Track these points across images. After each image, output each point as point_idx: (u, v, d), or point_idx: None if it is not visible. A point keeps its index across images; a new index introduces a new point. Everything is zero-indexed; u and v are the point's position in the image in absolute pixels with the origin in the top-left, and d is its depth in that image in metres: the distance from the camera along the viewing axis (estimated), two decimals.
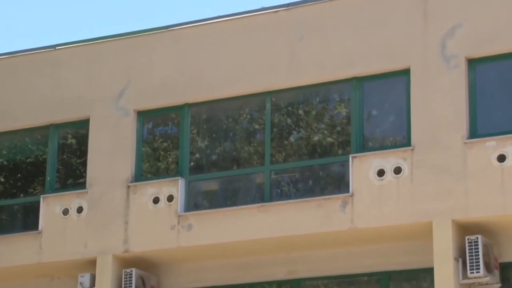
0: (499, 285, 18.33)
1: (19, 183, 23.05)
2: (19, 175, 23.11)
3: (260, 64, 20.54)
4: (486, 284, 18.17)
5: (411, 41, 19.37)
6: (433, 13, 19.36)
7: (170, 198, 20.57)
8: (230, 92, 20.89)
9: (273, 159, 20.63)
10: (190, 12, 60.07)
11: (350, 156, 19.47)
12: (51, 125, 22.30)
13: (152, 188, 20.86)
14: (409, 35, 19.43)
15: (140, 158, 21.44)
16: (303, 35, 20.27)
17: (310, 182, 20.28)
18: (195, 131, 21.43)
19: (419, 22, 19.41)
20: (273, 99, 20.74)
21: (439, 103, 18.88)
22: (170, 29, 21.79)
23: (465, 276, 17.94)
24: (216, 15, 21.65)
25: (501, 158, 18.12)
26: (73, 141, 22.36)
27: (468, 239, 18.01)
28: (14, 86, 22.53)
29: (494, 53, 18.83)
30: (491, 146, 18.29)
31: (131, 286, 20.32)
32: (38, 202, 21.71)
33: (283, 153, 20.72)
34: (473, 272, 17.85)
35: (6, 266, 21.47)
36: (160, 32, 21.86)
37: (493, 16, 18.88)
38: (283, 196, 20.19)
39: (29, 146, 22.92)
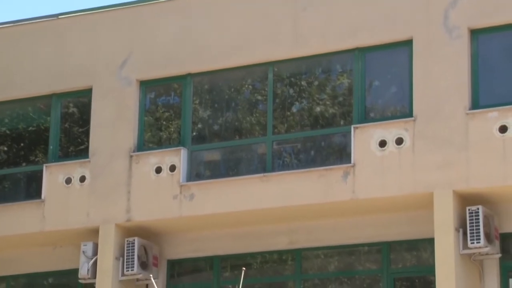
0: (499, 255, 18.42)
1: (22, 152, 23.02)
2: (21, 144, 23.07)
3: (263, 34, 20.54)
4: (486, 254, 18.28)
5: (413, 11, 19.34)
6: None
7: (172, 168, 20.61)
8: (233, 62, 20.88)
9: (275, 129, 20.63)
10: None
11: (352, 126, 19.49)
12: (54, 94, 22.28)
13: (154, 158, 20.90)
14: (412, 6, 19.40)
15: (142, 127, 21.45)
16: (306, 5, 20.24)
17: (312, 152, 20.29)
18: (197, 101, 21.42)
19: None
20: (276, 69, 20.74)
21: (441, 74, 18.88)
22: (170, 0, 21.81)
23: (465, 246, 18.03)
24: None
25: (503, 129, 18.15)
26: (76, 110, 22.36)
27: (469, 209, 18.09)
28: (16, 55, 22.48)
29: (497, 23, 18.83)
30: (493, 117, 18.31)
31: (134, 255, 20.36)
32: (41, 171, 21.75)
33: (285, 124, 20.72)
34: (473, 243, 17.92)
35: (9, 234, 21.53)
36: (163, 2, 21.78)
37: None
38: (284, 166, 20.23)
39: (32, 115, 22.90)
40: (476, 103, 18.65)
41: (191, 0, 21.59)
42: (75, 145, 22.16)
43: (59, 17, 22.62)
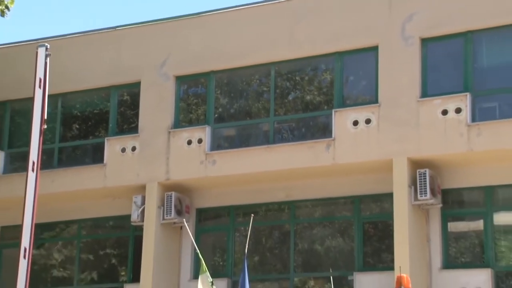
0: (441, 205, 18.50)
1: (89, 129, 23.00)
2: (89, 123, 23.02)
3: (267, 41, 20.43)
4: (431, 204, 18.36)
5: (379, 24, 19.31)
6: (397, 3, 19.30)
7: (199, 141, 20.54)
8: (244, 62, 20.81)
9: (276, 112, 20.61)
10: (214, 2, 59.84)
11: (333, 110, 19.48)
12: (112, 86, 22.18)
13: (186, 133, 20.85)
14: (378, 20, 19.36)
15: (178, 111, 21.37)
16: (299, 19, 20.18)
17: (303, 129, 20.32)
18: (218, 92, 21.37)
19: (385, 11, 19.32)
20: (276, 68, 20.70)
21: (399, 71, 18.90)
22: (200, 15, 21.61)
23: (416, 199, 18.12)
24: (234, 4, 21.69)
25: (444, 112, 18.24)
26: (128, 98, 22.35)
27: (418, 171, 18.17)
28: (85, 57, 22.26)
29: (441, 34, 18.87)
30: (437, 103, 18.38)
31: (171, 205, 20.38)
32: (103, 143, 21.68)
33: (284, 108, 20.77)
34: (422, 196, 18.04)
35: (80, 189, 21.53)
36: (192, 17, 21.69)
37: (440, 6, 18.84)
38: (283, 140, 20.23)
39: (96, 101, 22.80)
40: (425, 93, 18.68)
41: (213, 16, 21.46)
42: (128, 123, 22.11)
43: (116, 28, 22.59)
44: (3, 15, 20.84)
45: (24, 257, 9.70)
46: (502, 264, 18.04)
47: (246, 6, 21.34)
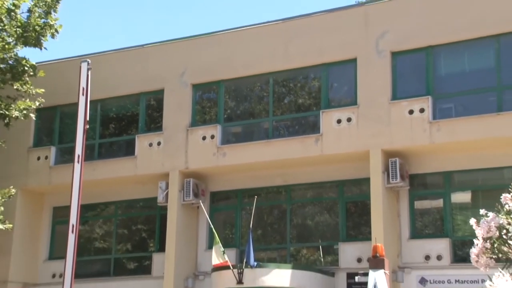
0: (408, 187, 18.54)
1: (123, 128, 22.88)
2: (122, 123, 22.95)
3: (266, 56, 20.35)
4: (401, 187, 18.39)
5: (357, 41, 19.30)
6: (371, 24, 19.29)
7: (212, 137, 20.49)
8: (248, 73, 20.79)
9: (274, 113, 20.58)
10: (223, 24, 59.61)
11: (320, 111, 19.47)
12: (141, 92, 22.02)
13: (201, 130, 20.76)
14: (356, 38, 19.34)
15: (194, 112, 21.29)
16: (292, 37, 20.14)
17: (296, 127, 20.32)
18: (227, 96, 21.32)
19: (362, 30, 19.34)
20: (274, 77, 20.66)
21: (374, 79, 18.89)
22: (211, 35, 21.53)
23: (388, 182, 18.14)
24: (240, 25, 21.72)
25: (411, 112, 18.26)
26: (154, 102, 22.27)
27: (390, 160, 18.20)
28: (120, 69, 22.07)
29: (408, 48, 18.89)
30: (405, 105, 18.39)
31: (190, 189, 20.37)
32: (134, 139, 21.57)
33: (280, 110, 20.75)
34: (393, 180, 18.07)
35: (116, 176, 21.45)
36: (205, 37, 21.61)
37: (406, 26, 18.86)
38: (280, 135, 20.21)
39: (128, 105, 22.67)
40: (395, 96, 18.67)
41: (222, 36, 21.39)
42: (154, 123, 21.98)
43: (144, 46, 22.55)
44: (53, 37, 20.92)
45: (72, 232, 9.88)
46: (458, 235, 18.10)
47: (249, 27, 21.33)
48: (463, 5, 18.46)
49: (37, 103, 20.78)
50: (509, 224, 5.88)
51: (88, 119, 10.68)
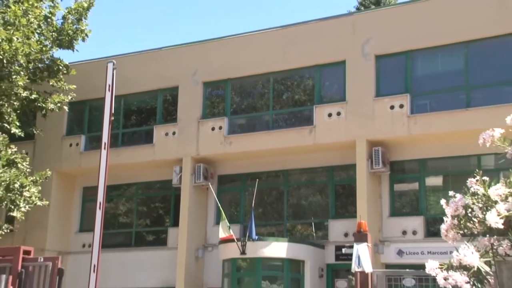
0: (389, 172, 18.56)
1: (143, 120, 22.85)
2: (142, 115, 22.89)
3: (267, 58, 20.37)
4: (383, 172, 18.41)
5: (346, 46, 19.31)
6: (358, 31, 19.28)
7: (220, 128, 20.48)
8: (251, 73, 20.78)
9: (274, 107, 20.57)
10: (229, 30, 59.52)
11: (314, 106, 19.47)
12: (159, 89, 21.98)
13: (211, 122, 20.76)
14: (345, 43, 19.37)
15: (205, 106, 21.26)
16: (290, 42, 20.14)
17: (293, 119, 20.22)
18: (233, 93, 21.28)
19: (350, 37, 19.33)
20: (274, 76, 20.66)
21: (360, 78, 18.88)
22: (219, 39, 21.54)
23: (372, 168, 18.20)
24: (244, 31, 21.66)
25: (392, 107, 18.28)
26: (170, 97, 22.14)
27: (373, 149, 18.23)
28: (140, 69, 21.94)
29: (389, 52, 18.87)
30: (387, 101, 18.40)
31: (200, 172, 20.39)
32: (152, 129, 21.59)
33: (279, 104, 20.69)
34: (376, 166, 18.13)
35: (137, 161, 21.44)
36: (214, 41, 21.57)
37: (388, 33, 18.85)
38: (279, 127, 20.13)
39: (147, 100, 22.63)
40: (378, 94, 18.66)
41: (229, 40, 21.38)
42: (170, 115, 21.90)
43: (161, 49, 22.62)
44: (83, 41, 20.92)
45: (99, 208, 9.91)
46: (431, 213, 18.10)
47: (252, 33, 21.29)
48: (437, 15, 18.42)
49: (70, 97, 20.85)
50: (473, 204, 5.90)
51: (113, 111, 10.67)
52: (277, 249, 18.09)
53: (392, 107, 18.28)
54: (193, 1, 57.84)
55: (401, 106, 18.17)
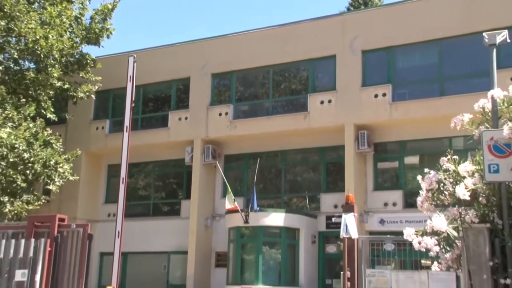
0: (373, 152, 18.52)
1: (159, 106, 22.65)
2: (159, 102, 22.74)
3: (267, 52, 20.29)
4: (368, 152, 18.41)
5: (336, 42, 19.23)
6: (347, 29, 19.19)
7: (226, 113, 20.45)
8: (253, 65, 20.69)
9: (273, 96, 20.48)
10: (234, 27, 59.17)
11: (308, 94, 19.43)
12: (173, 80, 21.95)
13: (218, 108, 20.69)
14: (335, 40, 19.28)
15: (213, 94, 21.16)
16: (287, 38, 20.08)
17: (290, 106, 20.09)
18: (237, 83, 21.18)
19: (340, 34, 19.25)
20: (273, 69, 20.55)
21: (349, 70, 18.84)
22: (225, 36, 21.45)
23: (358, 148, 18.20)
24: (247, 29, 21.60)
25: (376, 96, 18.25)
26: (182, 87, 21.95)
27: (360, 132, 18.24)
28: (157, 62, 21.85)
29: (374, 48, 18.80)
30: (371, 90, 18.38)
31: (209, 152, 20.39)
32: (167, 115, 21.56)
33: (278, 93, 20.55)
34: (362, 147, 18.14)
35: (154, 142, 21.37)
36: (220, 38, 21.49)
37: (373, 31, 18.76)
38: (278, 112, 20.03)
39: (163, 89, 22.44)
40: (364, 84, 18.63)
41: (234, 37, 21.23)
42: (182, 103, 21.70)
43: (175, 44, 22.41)
44: (108, 38, 20.99)
45: (122, 183, 9.97)
46: (408, 188, 18.06)
47: (254, 31, 21.18)
48: (415, 16, 18.36)
49: (96, 87, 20.91)
50: (445, 179, 5.98)
51: (133, 99, 10.71)
52: (275, 218, 18.20)
53: (376, 96, 18.25)
54: (203, 2, 57.54)
55: (384, 94, 18.15)
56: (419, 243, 5.89)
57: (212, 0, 56.68)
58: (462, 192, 5.66)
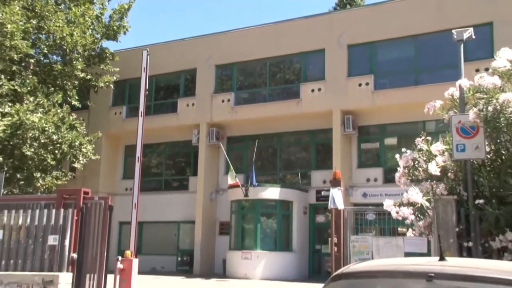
0: (357, 135, 18.55)
1: (169, 94, 22.56)
2: (169, 91, 22.68)
3: (265, 46, 20.19)
4: (352, 134, 18.43)
5: (325, 38, 19.14)
6: (335, 26, 19.11)
7: (228, 100, 20.43)
8: (252, 58, 20.61)
9: (270, 84, 20.42)
10: (236, 24, 58.72)
11: (300, 84, 19.41)
12: (182, 71, 21.83)
13: (221, 96, 20.65)
14: (324, 36, 19.19)
15: (217, 84, 21.12)
16: (281, 34, 19.95)
17: (284, 94, 20.05)
18: (238, 74, 21.13)
19: (328, 29, 19.17)
20: (270, 61, 20.49)
21: (336, 62, 18.80)
22: (227, 32, 21.31)
23: (344, 131, 18.21)
24: (246, 26, 21.47)
25: (360, 85, 18.26)
26: (190, 77, 21.99)
27: (346, 117, 18.25)
28: (168, 55, 21.71)
29: (358, 42, 18.72)
30: (356, 80, 18.38)
31: (213, 134, 20.38)
32: (177, 101, 21.50)
33: (274, 82, 20.52)
34: (348, 130, 18.16)
35: (166, 126, 21.28)
36: (223, 33, 21.31)
37: (357, 28, 18.68)
38: (274, 99, 19.99)
39: (173, 79, 22.34)
40: (350, 74, 18.63)
41: (235, 32, 21.13)
42: (190, 91, 21.59)
43: (183, 39, 22.16)
44: (125, 34, 21.13)
45: (137, 161, 10.03)
46: (388, 165, 18.05)
47: (252, 27, 21.03)
48: (394, 15, 18.32)
49: (114, 78, 20.94)
50: (419, 157, 6.05)
51: (147, 88, 10.72)
52: (272, 192, 18.31)
53: (360, 85, 18.26)
54: (208, 1, 56.98)
55: (367, 84, 18.15)
56: (397, 212, 5.99)
57: (215, 1, 56.20)
58: (434, 169, 5.75)
